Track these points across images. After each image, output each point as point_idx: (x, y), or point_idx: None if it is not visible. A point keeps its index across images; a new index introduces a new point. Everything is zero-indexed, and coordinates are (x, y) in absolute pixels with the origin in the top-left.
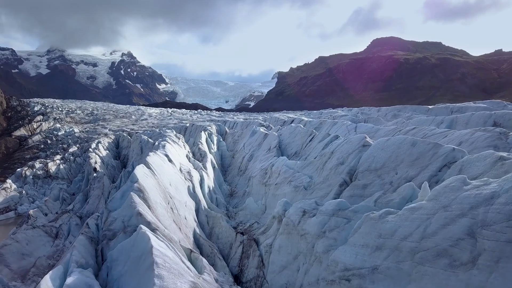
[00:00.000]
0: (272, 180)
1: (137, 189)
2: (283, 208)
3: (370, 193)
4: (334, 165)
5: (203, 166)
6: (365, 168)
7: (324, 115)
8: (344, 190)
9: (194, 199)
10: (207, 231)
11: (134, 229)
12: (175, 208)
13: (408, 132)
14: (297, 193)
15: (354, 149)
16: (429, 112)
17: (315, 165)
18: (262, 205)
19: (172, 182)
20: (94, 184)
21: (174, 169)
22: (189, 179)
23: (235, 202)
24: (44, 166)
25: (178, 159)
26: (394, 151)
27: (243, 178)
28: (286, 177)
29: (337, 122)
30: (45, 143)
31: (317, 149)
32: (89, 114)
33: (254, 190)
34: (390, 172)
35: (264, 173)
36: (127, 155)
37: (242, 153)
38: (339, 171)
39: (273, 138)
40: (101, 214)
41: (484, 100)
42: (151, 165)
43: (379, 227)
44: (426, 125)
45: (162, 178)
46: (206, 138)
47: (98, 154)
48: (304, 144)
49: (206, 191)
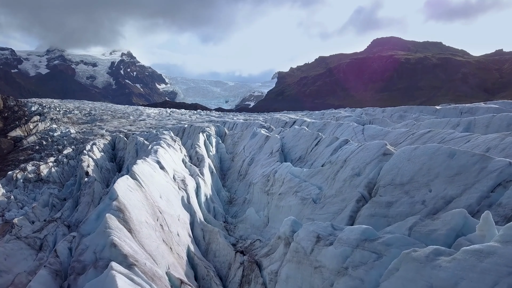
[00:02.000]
0: (275, 188)
1: (115, 209)
2: (291, 228)
3: (397, 213)
4: (349, 176)
5: (199, 172)
6: (387, 181)
7: (327, 116)
8: (362, 207)
9: (188, 210)
10: (203, 247)
11: (107, 263)
12: (165, 225)
13: (423, 136)
14: (304, 207)
15: (372, 158)
16: (437, 113)
17: (324, 174)
18: (264, 216)
19: (164, 193)
20: (84, 190)
21: (167, 177)
22: (184, 188)
23: (234, 211)
24: (36, 169)
25: (172, 165)
26: (425, 163)
27: (243, 183)
28: (291, 186)
29: (342, 124)
30: (40, 144)
31: (325, 155)
32: (87, 114)
33: (255, 198)
34: (421, 188)
35: (266, 180)
36: (123, 157)
37: (242, 156)
38: (355, 183)
39: (275, 141)
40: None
41: (487, 100)
42: (138, 175)
43: (428, 273)
44: (439, 127)
45: (151, 191)
46: (205, 140)
47: (91, 157)
48: (309, 148)
49: (203, 200)
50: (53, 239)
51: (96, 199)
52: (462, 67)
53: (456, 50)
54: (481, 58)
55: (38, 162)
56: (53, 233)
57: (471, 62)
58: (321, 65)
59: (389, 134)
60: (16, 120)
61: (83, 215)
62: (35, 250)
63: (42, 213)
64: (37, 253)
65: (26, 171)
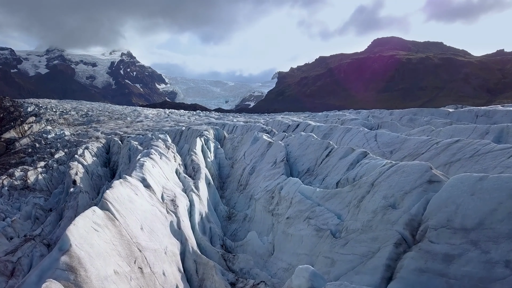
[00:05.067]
0: (281, 209)
1: (64, 267)
2: (309, 283)
3: (464, 274)
4: (380, 207)
5: (194, 185)
6: (441, 222)
7: (331, 118)
8: (404, 254)
9: (179, 237)
10: (196, 283)
11: None
12: (146, 265)
13: (450, 146)
14: (321, 241)
15: (413, 186)
16: (450, 116)
17: (344, 199)
18: (268, 243)
19: (146, 222)
20: (69, 202)
21: (152, 199)
22: (173, 211)
23: (233, 228)
24: (24, 175)
25: (161, 181)
26: (502, 202)
27: (244, 196)
28: (302, 210)
29: (351, 129)
30: (33, 147)
31: (339, 169)
32: (84, 115)
33: (257, 217)
34: (500, 240)
35: (270, 197)
36: (117, 162)
37: (242, 164)
38: (391, 218)
39: (278, 149)
40: None
41: (489, 101)
42: (111, 204)
43: None
44: (464, 135)
45: (128, 223)
46: (202, 145)
47: (82, 163)
48: (318, 159)
49: (197, 220)
50: (28, 262)
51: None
52: (464, 67)
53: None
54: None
55: (27, 167)
56: (29, 254)
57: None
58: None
59: (407, 142)
60: (12, 121)
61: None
62: (6, 277)
63: (23, 227)
64: (8, 279)
65: (14, 177)
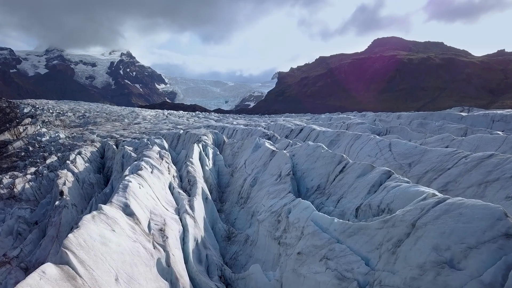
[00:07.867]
0: (290, 238)
1: None
2: None
3: None
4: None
5: (189, 205)
6: None
7: (335, 122)
8: None
9: (168, 277)
10: None
11: None
12: None
13: (483, 162)
14: None
15: (480, 239)
16: (463, 121)
17: (372, 237)
18: (275, 280)
19: (124, 269)
20: (53, 217)
21: (135, 232)
22: (161, 243)
23: (234, 251)
24: (12, 183)
25: (149, 204)
26: None
27: (245, 211)
28: (317, 245)
29: (360, 136)
30: (26, 150)
31: (358, 191)
32: (81, 116)
33: (261, 242)
34: None
35: (275, 220)
36: (111, 168)
37: (242, 173)
38: (450, 283)
39: (283, 160)
40: None
41: (492, 101)
42: (73, 255)
43: None
44: (492, 146)
45: (97, 277)
46: (200, 152)
47: (72, 170)
48: (330, 175)
49: (191, 248)
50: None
51: (62, 233)
52: (466, 67)
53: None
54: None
55: (16, 174)
56: (2, 281)
57: (474, 63)
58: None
59: (428, 153)
60: (7, 123)
61: (45, 254)
62: None
63: (3, 245)
64: None
65: (1, 184)
